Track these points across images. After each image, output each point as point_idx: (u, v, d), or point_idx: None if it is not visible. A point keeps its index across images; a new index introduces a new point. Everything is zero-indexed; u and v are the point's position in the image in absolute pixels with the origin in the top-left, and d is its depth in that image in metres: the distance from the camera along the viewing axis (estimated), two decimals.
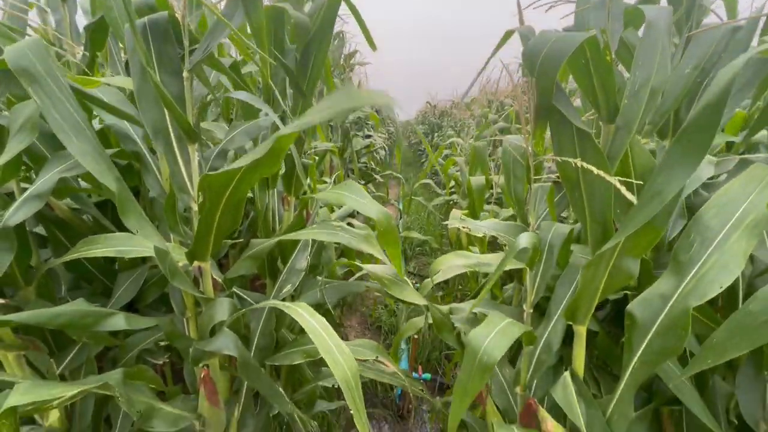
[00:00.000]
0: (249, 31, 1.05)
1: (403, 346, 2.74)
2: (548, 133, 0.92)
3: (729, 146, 1.64)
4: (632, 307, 0.83)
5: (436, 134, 9.65)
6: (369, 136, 4.37)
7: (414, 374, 2.63)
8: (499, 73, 4.81)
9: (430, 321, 1.60)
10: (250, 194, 1.64)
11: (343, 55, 3.95)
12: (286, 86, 1.28)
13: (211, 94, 1.00)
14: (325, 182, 2.40)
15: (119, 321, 0.92)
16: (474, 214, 2.61)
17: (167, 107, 0.86)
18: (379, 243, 0.97)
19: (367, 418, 0.65)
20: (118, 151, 1.10)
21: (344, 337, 2.40)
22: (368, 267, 1.24)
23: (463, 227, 1.31)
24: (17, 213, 0.93)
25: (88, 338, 1.10)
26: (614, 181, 0.68)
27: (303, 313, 0.75)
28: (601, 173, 0.70)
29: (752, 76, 1.04)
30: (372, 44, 1.53)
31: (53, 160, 1.03)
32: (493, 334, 0.80)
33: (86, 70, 1.31)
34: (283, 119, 1.18)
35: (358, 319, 3.38)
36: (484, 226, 1.29)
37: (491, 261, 1.19)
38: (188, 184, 0.92)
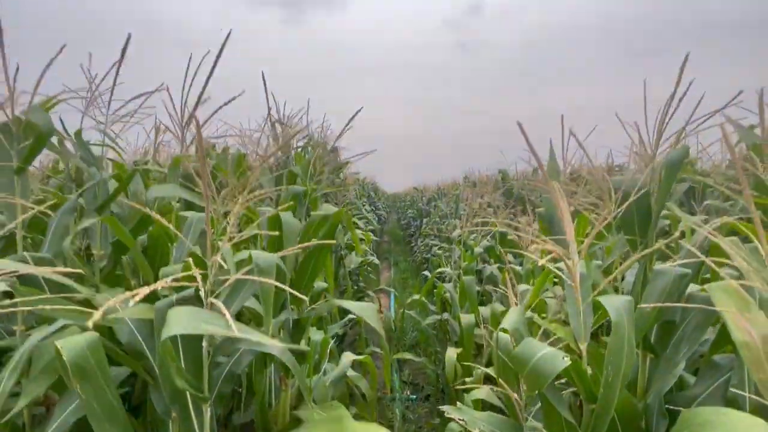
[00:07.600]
0: None
1: None
2: None
3: None
4: None
5: (425, 220, 9.96)
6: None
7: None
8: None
9: None
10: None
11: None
12: None
13: None
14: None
15: None
16: (466, 355, 2.68)
17: None
18: None
19: None
20: None
21: None
22: None
23: (459, 418, 1.40)
24: None
25: None
26: None
27: None
28: None
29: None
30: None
31: None
32: None
33: None
34: None
35: None
36: (479, 420, 1.39)
37: None
38: None
